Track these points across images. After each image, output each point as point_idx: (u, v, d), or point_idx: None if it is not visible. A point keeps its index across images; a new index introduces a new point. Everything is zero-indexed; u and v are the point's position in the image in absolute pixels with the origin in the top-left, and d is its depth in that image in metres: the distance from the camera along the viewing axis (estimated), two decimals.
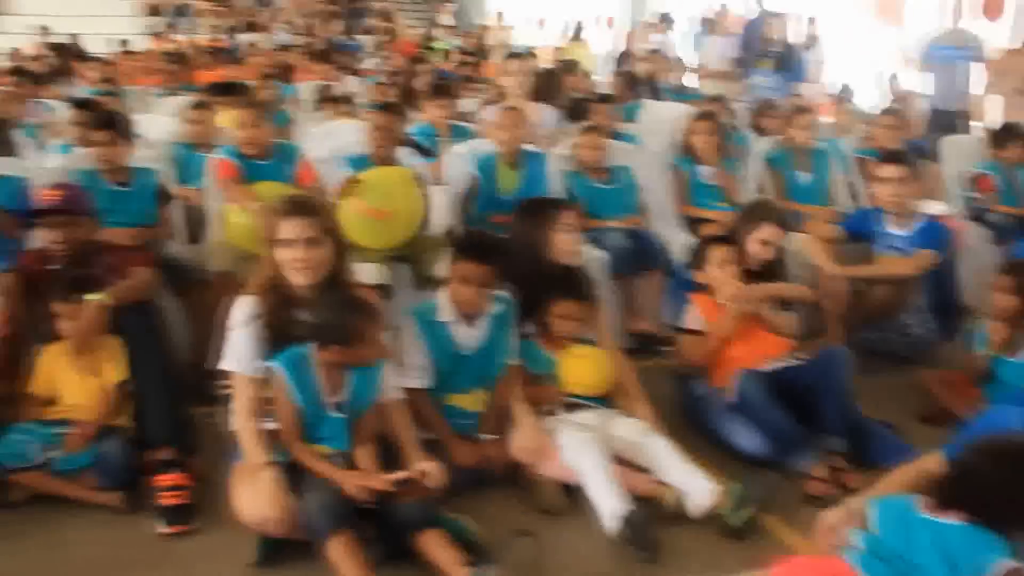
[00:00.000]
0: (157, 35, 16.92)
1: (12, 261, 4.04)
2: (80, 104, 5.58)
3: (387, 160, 4.79)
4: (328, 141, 5.39)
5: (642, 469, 3.44)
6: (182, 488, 3.31)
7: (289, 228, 3.12)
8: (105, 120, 4.69)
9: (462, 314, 3.55)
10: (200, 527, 3.27)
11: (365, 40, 16.64)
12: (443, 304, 3.56)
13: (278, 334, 3.12)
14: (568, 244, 3.92)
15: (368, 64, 12.55)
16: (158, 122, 6.24)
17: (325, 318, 3.04)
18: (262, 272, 3.20)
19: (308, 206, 3.23)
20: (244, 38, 16.16)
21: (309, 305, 3.10)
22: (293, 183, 4.54)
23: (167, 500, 3.28)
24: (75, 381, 3.52)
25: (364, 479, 2.98)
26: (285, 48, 13.27)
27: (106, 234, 4.00)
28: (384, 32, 17.80)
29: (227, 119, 5.57)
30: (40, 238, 3.85)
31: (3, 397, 3.57)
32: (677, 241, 5.09)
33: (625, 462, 3.43)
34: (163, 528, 3.24)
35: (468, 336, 3.56)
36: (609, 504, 3.19)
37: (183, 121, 5.67)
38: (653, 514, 3.24)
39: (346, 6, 21.05)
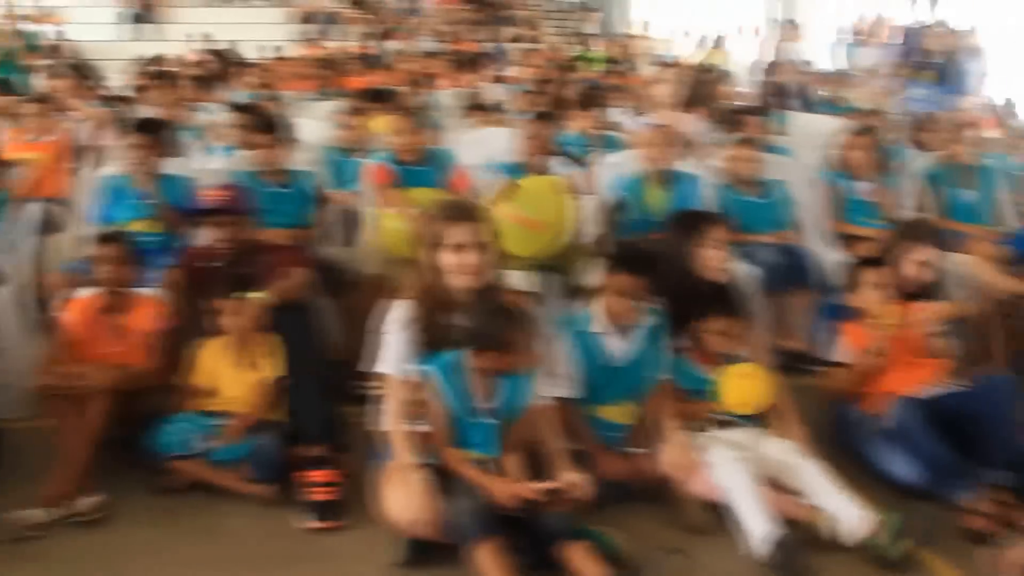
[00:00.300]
0: (308, 42, 17.42)
1: (177, 258, 4.24)
2: (241, 108, 5.78)
3: (539, 169, 4.79)
4: (477, 148, 5.43)
5: (792, 492, 3.34)
6: (332, 485, 3.38)
7: (458, 233, 3.13)
8: (267, 123, 4.86)
9: (614, 326, 3.51)
10: (347, 524, 3.33)
11: (509, 48, 16.77)
12: (595, 315, 3.53)
13: (432, 338, 3.14)
14: (715, 260, 3.85)
15: (512, 72, 12.63)
16: (310, 126, 6.40)
17: (481, 324, 3.05)
18: (419, 276, 3.22)
19: (476, 211, 3.25)
20: (390, 45, 16.51)
21: (465, 310, 3.11)
22: (446, 189, 4.60)
23: (317, 496, 3.36)
24: (233, 375, 3.64)
25: (514, 487, 2.98)
26: (430, 55, 13.48)
27: (265, 234, 4.14)
28: (528, 40, 17.91)
29: (381, 124, 5.68)
30: (204, 236, 3.99)
31: (166, 387, 3.71)
32: (829, 258, 4.95)
33: (775, 484, 3.33)
34: (312, 523, 3.32)
35: (619, 348, 3.52)
36: (759, 527, 3.10)
37: (337, 126, 5.82)
38: (804, 539, 3.13)
39: (491, 15, 21.30)
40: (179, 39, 17.96)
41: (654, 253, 3.79)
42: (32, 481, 3.56)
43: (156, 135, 4.72)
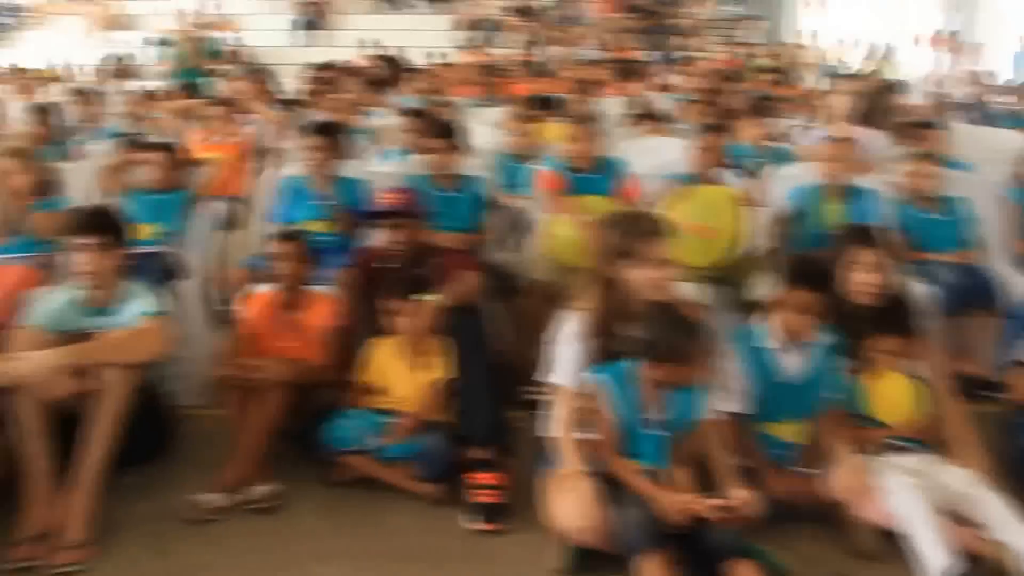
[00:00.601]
0: (472, 49, 17.71)
1: (351, 258, 4.36)
2: (415, 113, 5.90)
3: (710, 179, 4.72)
4: (646, 157, 5.39)
5: (973, 524, 3.16)
6: (497, 488, 3.41)
7: (647, 247, 3.08)
8: (441, 129, 4.94)
9: (790, 342, 3.41)
10: (510, 528, 3.35)
11: (674, 57, 16.65)
12: (770, 330, 3.44)
13: (606, 349, 3.12)
14: (863, 284, 3.66)
15: (677, 81, 12.52)
16: (481, 131, 6.48)
17: (658, 335, 3.00)
18: (596, 287, 3.19)
19: (665, 225, 3.18)
20: (553, 53, 16.63)
21: (641, 321, 3.07)
22: (618, 198, 4.57)
23: (482, 498, 3.39)
24: (404, 375, 3.70)
25: (683, 501, 2.94)
26: (592, 63, 13.49)
27: (437, 238, 4.21)
28: (692, 49, 17.74)
29: (551, 131, 5.71)
30: (378, 238, 4.09)
31: (339, 383, 3.82)
32: (1016, 281, 4.69)
33: (953, 515, 3.17)
34: (476, 524, 3.35)
35: (794, 365, 3.42)
36: (937, 559, 2.95)
37: (508, 132, 5.88)
38: (982, 573, 2.99)
39: (654, 24, 21.19)
40: (348, 45, 18.56)
41: (832, 269, 3.68)
42: (210, 466, 3.72)
43: (333, 138, 4.86)
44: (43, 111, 6.55)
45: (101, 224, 3.53)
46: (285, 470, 3.65)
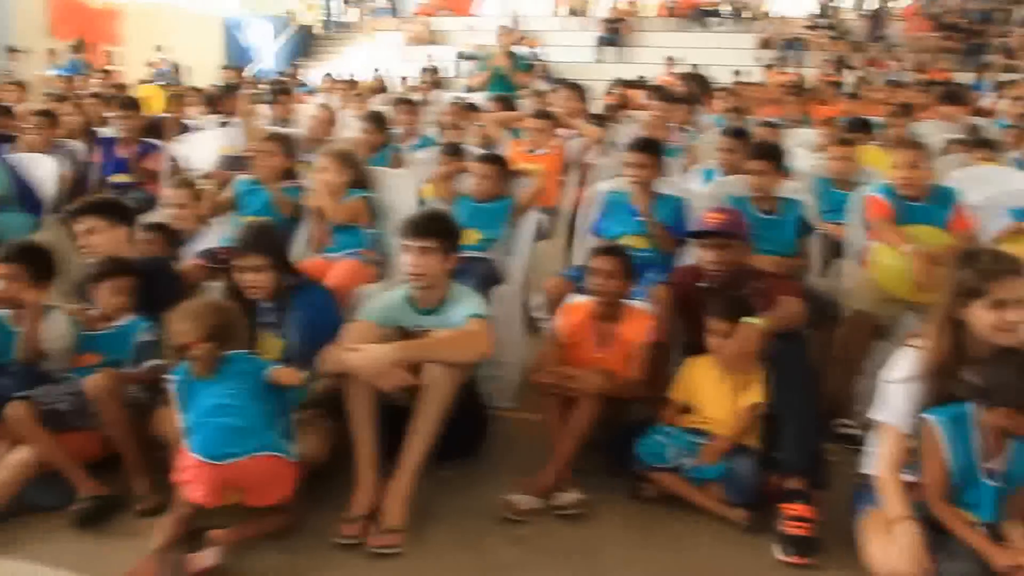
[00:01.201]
0: (768, 67, 17.35)
1: (667, 274, 4.37)
2: (735, 133, 5.83)
3: None
4: (977, 187, 5.07)
5: None
6: (808, 520, 3.30)
7: (1004, 288, 2.84)
8: (765, 150, 4.88)
9: None
10: (818, 563, 3.24)
11: (991, 79, 15.61)
12: None
13: (941, 391, 2.92)
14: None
15: (996, 104, 11.70)
16: (798, 153, 6.34)
17: (1005, 381, 2.79)
18: (936, 325, 2.97)
19: (1020, 265, 2.93)
20: (857, 72, 16.04)
21: (986, 364, 2.86)
22: (949, 229, 4.33)
23: (792, 529, 3.30)
24: (716, 396, 3.66)
25: (1019, 559, 2.74)
26: (899, 85, 12.87)
27: (756, 260, 4.14)
28: (1006, 70, 16.54)
29: (869, 156, 5.49)
30: (698, 257, 4.08)
31: (651, 399, 3.84)
32: None
33: None
34: (785, 556, 3.27)
35: None
36: None
37: (826, 155, 5.72)
38: None
39: (964, 41, 19.94)
40: (652, 62, 18.71)
41: None
42: (518, 468, 3.87)
43: (654, 154, 4.89)
44: (379, 119, 7.01)
45: (438, 229, 3.73)
46: (594, 480, 3.71)
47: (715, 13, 23.02)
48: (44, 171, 6.22)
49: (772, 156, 4.81)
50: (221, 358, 3.36)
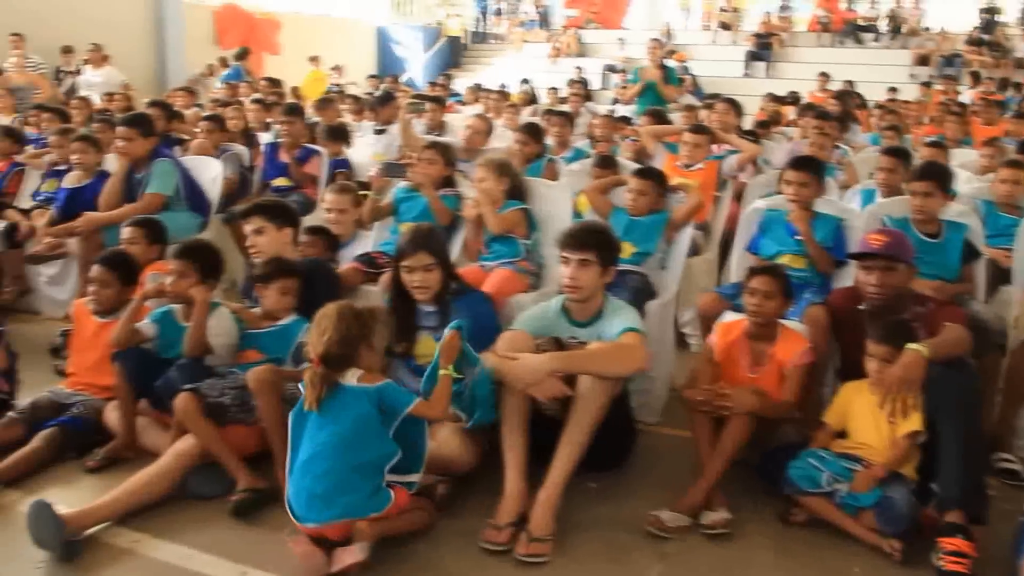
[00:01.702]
0: (925, 84, 16.75)
1: (822, 295, 4.29)
2: (896, 152, 5.67)
3: None
4: None
5: None
6: (967, 557, 3.17)
7: None
8: (931, 171, 4.73)
9: None
10: None
11: None
12: None
13: None
14: None
15: None
16: (957, 175, 6.14)
17: None
18: None
19: None
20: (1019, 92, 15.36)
21: None
22: None
23: (950, 565, 3.18)
24: (872, 422, 3.57)
25: None
26: None
27: (917, 284, 4.02)
28: None
29: None
30: (855, 278, 3.99)
31: (803, 421, 3.82)
32: None
33: None
34: None
35: None
36: None
37: (992, 178, 5.52)
38: None
39: None
40: (797, 77, 18.34)
41: None
42: (663, 483, 3.88)
43: (815, 173, 4.80)
44: (535, 130, 7.07)
45: (597, 241, 3.75)
46: (741, 501, 3.68)
47: (871, 29, 22.38)
48: (211, 173, 6.51)
49: (939, 177, 4.66)
50: (333, 388, 3.28)
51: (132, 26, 16.93)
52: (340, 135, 7.73)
